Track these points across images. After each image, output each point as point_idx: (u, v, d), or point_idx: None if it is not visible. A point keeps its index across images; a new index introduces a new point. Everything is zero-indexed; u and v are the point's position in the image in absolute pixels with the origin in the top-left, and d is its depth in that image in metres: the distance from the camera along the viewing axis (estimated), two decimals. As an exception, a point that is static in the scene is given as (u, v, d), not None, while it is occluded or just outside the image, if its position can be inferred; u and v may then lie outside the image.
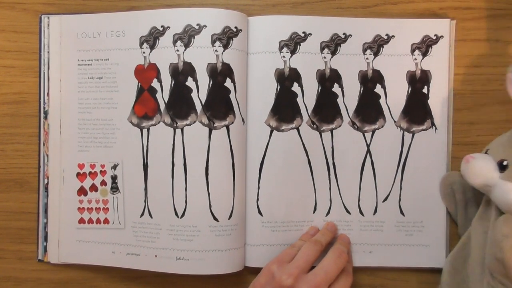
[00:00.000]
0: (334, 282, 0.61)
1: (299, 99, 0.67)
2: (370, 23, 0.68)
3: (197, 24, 0.64)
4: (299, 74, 0.67)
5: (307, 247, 0.63)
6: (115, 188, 0.68)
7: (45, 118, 0.69)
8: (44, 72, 0.69)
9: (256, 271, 0.68)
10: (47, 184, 0.69)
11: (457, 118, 0.68)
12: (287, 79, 0.67)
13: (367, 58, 0.68)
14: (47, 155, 0.69)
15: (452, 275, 0.63)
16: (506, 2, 0.67)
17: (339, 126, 0.68)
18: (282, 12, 0.69)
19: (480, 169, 0.59)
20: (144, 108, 0.67)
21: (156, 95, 0.66)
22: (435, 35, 0.67)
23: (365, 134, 0.68)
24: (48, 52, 0.69)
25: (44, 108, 0.69)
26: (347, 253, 0.64)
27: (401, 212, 0.68)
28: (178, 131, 0.65)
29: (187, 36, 0.64)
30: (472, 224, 0.62)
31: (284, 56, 0.67)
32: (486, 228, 0.59)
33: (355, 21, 0.68)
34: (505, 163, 0.58)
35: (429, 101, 0.68)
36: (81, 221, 0.68)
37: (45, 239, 0.69)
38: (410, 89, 0.68)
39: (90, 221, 0.68)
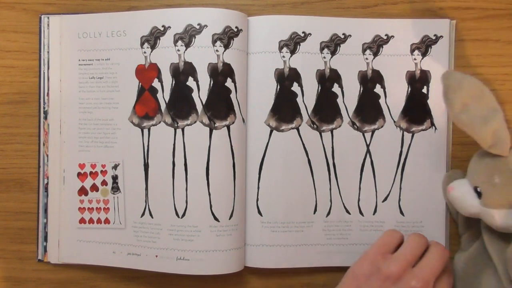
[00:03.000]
0: (438, 279, 0.59)
1: (299, 99, 0.67)
2: (369, 23, 0.68)
3: (198, 24, 0.64)
4: (299, 74, 0.67)
5: (413, 240, 0.61)
6: (115, 188, 0.68)
7: (45, 118, 0.69)
8: (44, 72, 0.69)
9: (256, 271, 0.68)
10: (47, 184, 0.69)
11: (457, 118, 0.68)
12: (287, 79, 0.67)
13: (366, 58, 0.68)
14: (47, 155, 0.69)
15: (464, 282, 0.63)
16: (506, 2, 0.68)
17: (339, 126, 0.68)
18: (282, 12, 0.69)
19: (460, 200, 0.60)
20: (145, 108, 0.67)
21: (157, 95, 0.66)
22: (435, 35, 0.67)
23: (365, 134, 0.68)
24: (48, 52, 0.69)
25: (44, 108, 0.69)
26: (448, 251, 0.61)
27: (401, 212, 0.68)
28: (179, 131, 0.65)
29: (188, 36, 0.64)
30: (486, 237, 0.61)
31: (283, 56, 0.67)
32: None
33: (355, 21, 0.68)
34: (478, 189, 0.58)
35: (428, 101, 0.68)
36: (82, 221, 0.68)
37: (45, 239, 0.69)
38: (409, 89, 0.68)
39: (91, 221, 0.68)
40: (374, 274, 0.58)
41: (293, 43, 0.66)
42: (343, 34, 0.67)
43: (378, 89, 0.68)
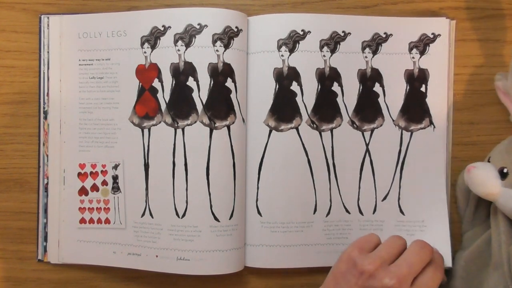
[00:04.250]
0: (419, 275, 0.58)
1: (298, 98, 0.67)
2: (368, 21, 0.68)
3: (198, 24, 0.64)
4: (298, 73, 0.67)
5: (391, 240, 0.62)
6: (116, 188, 0.68)
7: (45, 118, 0.69)
8: (44, 72, 0.69)
9: (256, 271, 0.68)
10: (47, 184, 0.69)
11: (457, 118, 0.68)
12: (285, 78, 0.67)
13: (366, 57, 0.68)
14: (47, 155, 0.69)
15: (465, 281, 0.63)
16: (506, 2, 0.68)
17: (339, 125, 0.68)
18: (282, 12, 0.68)
19: (482, 178, 0.59)
20: (145, 108, 0.67)
21: (157, 95, 0.66)
22: (433, 33, 0.67)
23: (364, 133, 0.68)
24: (48, 52, 0.69)
25: (44, 108, 0.69)
26: (430, 246, 0.61)
27: (401, 211, 0.68)
28: (179, 131, 0.65)
29: (188, 36, 0.64)
30: (493, 233, 0.61)
31: (282, 55, 0.66)
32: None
33: (354, 19, 0.67)
34: (505, 170, 0.58)
35: (427, 100, 0.68)
36: (82, 221, 0.68)
37: (45, 239, 0.69)
38: (408, 87, 0.68)
39: (91, 221, 0.68)
40: (350, 270, 0.59)
41: (292, 41, 0.66)
42: (343, 31, 0.67)
43: (377, 87, 0.68)
